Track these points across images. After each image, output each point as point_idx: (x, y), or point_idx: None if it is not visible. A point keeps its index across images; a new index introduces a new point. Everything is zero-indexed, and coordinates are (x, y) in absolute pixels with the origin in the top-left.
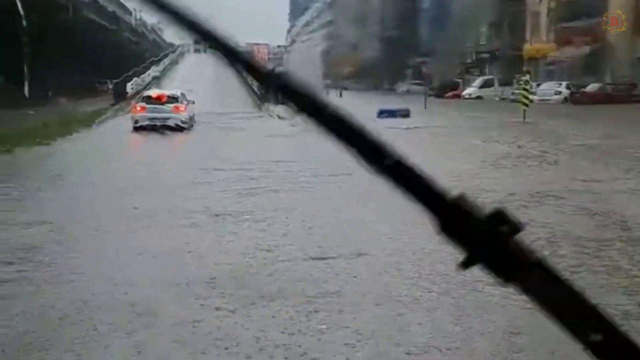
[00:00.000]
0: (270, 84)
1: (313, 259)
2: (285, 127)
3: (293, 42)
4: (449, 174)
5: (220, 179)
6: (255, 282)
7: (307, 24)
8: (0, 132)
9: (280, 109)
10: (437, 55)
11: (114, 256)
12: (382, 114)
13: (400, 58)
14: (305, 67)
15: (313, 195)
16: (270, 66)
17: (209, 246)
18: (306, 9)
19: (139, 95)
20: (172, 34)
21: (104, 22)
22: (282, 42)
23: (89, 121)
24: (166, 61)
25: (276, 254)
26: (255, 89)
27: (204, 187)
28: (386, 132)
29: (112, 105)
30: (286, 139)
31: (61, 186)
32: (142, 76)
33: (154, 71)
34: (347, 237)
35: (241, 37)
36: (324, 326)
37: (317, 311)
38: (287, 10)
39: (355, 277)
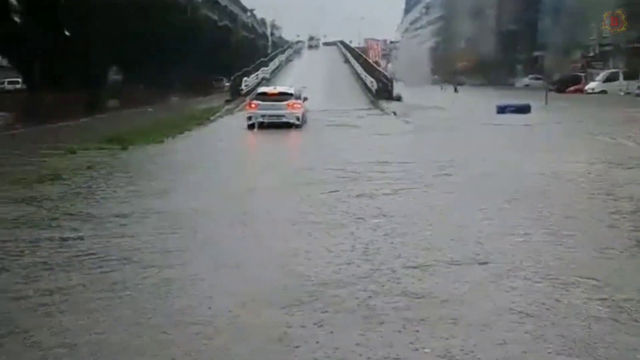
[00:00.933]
0: None
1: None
2: (400, 124)
3: (402, 37)
4: (575, 175)
5: (330, 179)
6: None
7: (415, 20)
8: (117, 129)
9: (394, 106)
10: (556, 48)
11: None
12: (502, 109)
13: (518, 52)
14: (412, 62)
15: (424, 199)
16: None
17: (315, 251)
18: (417, 4)
19: (253, 92)
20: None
21: (221, 21)
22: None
23: (203, 118)
24: (281, 58)
25: (385, 260)
26: (370, 85)
27: (312, 187)
28: (506, 128)
29: (227, 102)
30: (399, 138)
31: (164, 188)
32: (257, 73)
33: (269, 68)
34: (462, 243)
35: (362, 32)
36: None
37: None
38: (403, 6)
39: (478, 285)
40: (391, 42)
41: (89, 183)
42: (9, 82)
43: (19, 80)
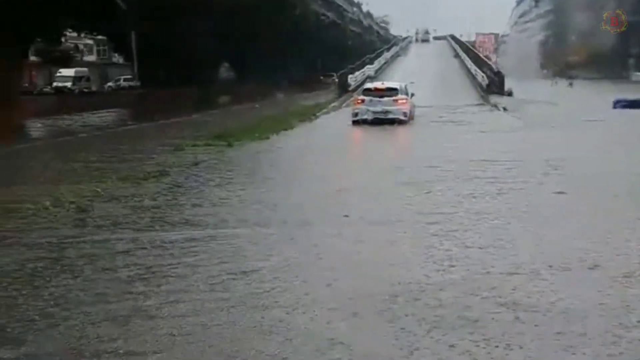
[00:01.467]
0: None
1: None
2: (510, 120)
3: (510, 31)
4: None
5: (432, 178)
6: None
7: (524, 13)
8: (225, 126)
9: (505, 101)
10: None
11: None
12: (619, 103)
13: (636, 45)
14: (521, 56)
15: (533, 199)
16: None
17: (415, 254)
18: None
19: (360, 88)
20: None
21: (330, 17)
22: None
23: (309, 114)
24: (389, 53)
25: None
26: (480, 80)
27: (413, 187)
28: (623, 123)
29: (335, 98)
30: (508, 135)
31: (266, 187)
32: (364, 69)
33: (376, 64)
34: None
35: (473, 26)
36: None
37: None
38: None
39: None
40: (502, 36)
41: (193, 179)
42: (125, 80)
43: (134, 78)
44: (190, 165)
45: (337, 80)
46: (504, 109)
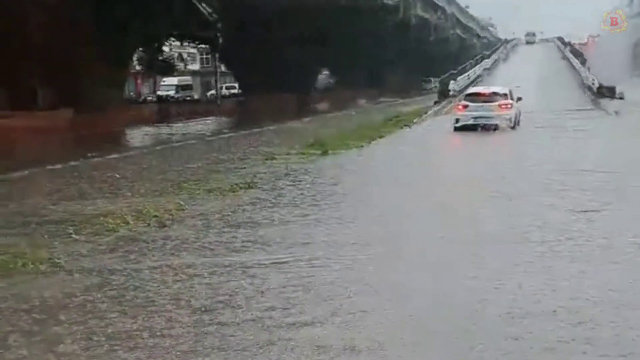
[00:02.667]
0: None
1: None
2: (622, 125)
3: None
4: None
5: (535, 191)
6: None
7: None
8: (320, 133)
9: (617, 105)
10: None
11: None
12: None
13: None
14: (610, 58)
15: None
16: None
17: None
18: None
19: (463, 93)
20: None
21: (433, 20)
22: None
23: (409, 120)
24: (493, 57)
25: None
26: (590, 83)
27: (516, 201)
28: None
29: (435, 103)
30: (619, 142)
31: (361, 202)
32: (468, 73)
33: (480, 68)
34: None
35: (583, 29)
36: None
37: None
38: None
39: None
40: (590, 37)
41: (280, 193)
42: (227, 88)
43: (236, 85)
44: (280, 177)
45: (437, 85)
46: (616, 113)
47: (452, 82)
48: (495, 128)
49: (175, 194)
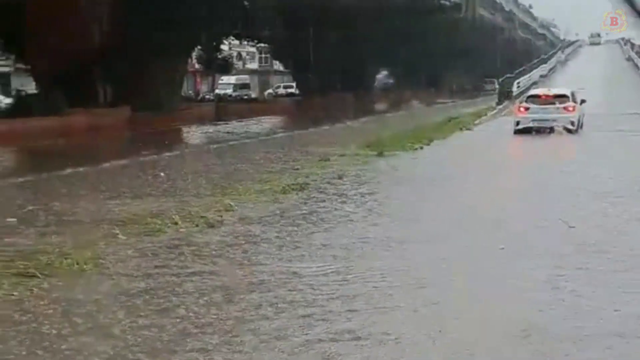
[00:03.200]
0: None
1: None
2: None
3: None
4: None
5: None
6: None
7: None
8: (378, 133)
9: None
10: None
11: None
12: None
13: None
14: None
15: None
16: None
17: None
18: None
19: (524, 95)
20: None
21: (495, 20)
22: None
23: (468, 122)
24: (558, 58)
25: None
26: None
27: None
28: None
29: (496, 104)
30: None
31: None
32: (530, 74)
33: (542, 69)
34: None
35: None
36: None
37: None
38: None
39: None
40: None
41: (333, 196)
42: (284, 87)
43: (293, 85)
44: (333, 179)
45: (498, 86)
46: None
47: (515, 82)
48: (559, 131)
49: (226, 195)
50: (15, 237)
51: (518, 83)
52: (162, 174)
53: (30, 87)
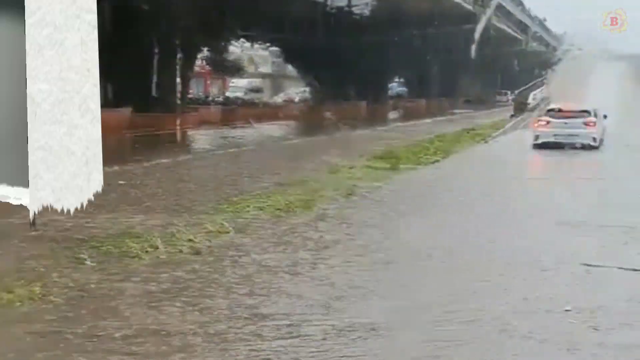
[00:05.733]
0: None
1: None
2: None
3: None
4: None
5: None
6: None
7: None
8: (390, 144)
9: None
10: None
11: None
12: None
13: None
14: None
15: None
16: None
17: None
18: None
19: (542, 108)
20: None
21: (510, 31)
22: None
23: (485, 134)
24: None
25: None
26: None
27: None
28: None
29: (511, 117)
30: None
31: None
32: (545, 86)
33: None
34: None
35: None
36: None
37: None
38: None
39: None
40: None
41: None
42: (296, 92)
43: (306, 90)
44: (343, 196)
45: (512, 98)
46: None
47: (531, 94)
48: (579, 147)
49: (221, 211)
50: None
51: (534, 95)
52: (157, 184)
53: None
